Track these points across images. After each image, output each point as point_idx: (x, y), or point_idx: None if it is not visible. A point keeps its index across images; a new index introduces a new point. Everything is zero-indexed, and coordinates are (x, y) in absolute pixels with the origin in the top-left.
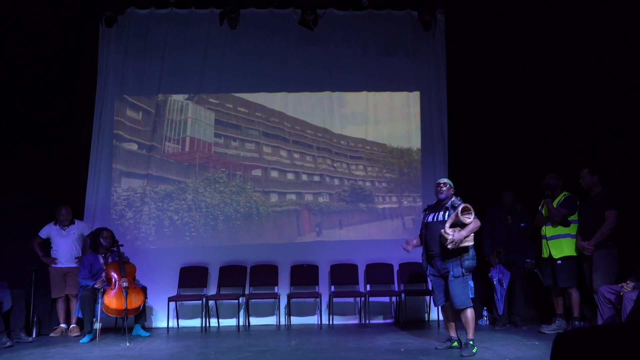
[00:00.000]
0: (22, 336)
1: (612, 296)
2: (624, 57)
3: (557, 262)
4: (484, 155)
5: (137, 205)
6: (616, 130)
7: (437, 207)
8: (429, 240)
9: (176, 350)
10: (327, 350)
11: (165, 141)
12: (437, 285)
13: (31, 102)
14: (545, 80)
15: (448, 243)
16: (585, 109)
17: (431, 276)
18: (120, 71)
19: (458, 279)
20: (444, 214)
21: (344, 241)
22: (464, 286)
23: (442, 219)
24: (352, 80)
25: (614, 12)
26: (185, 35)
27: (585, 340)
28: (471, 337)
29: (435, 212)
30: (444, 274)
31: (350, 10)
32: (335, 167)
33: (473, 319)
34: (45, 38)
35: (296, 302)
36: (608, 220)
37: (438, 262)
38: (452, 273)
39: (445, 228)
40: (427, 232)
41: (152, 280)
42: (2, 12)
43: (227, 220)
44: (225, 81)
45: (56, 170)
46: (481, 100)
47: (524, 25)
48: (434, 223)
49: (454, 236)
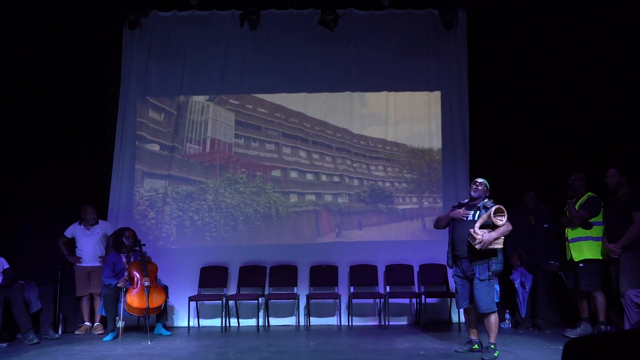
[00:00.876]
0: (50, 332)
1: (639, 300)
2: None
3: (579, 265)
4: (505, 155)
5: (159, 205)
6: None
7: (468, 206)
8: (456, 239)
9: (196, 349)
10: (346, 352)
11: (186, 142)
12: (462, 287)
13: (58, 104)
14: (569, 79)
15: (476, 243)
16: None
17: (456, 277)
18: (143, 73)
19: (484, 282)
20: (474, 213)
21: (363, 242)
22: (489, 290)
23: (471, 218)
24: (372, 80)
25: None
26: (207, 36)
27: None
28: (493, 341)
29: (466, 210)
30: (470, 276)
31: (370, 10)
32: (354, 167)
33: (497, 323)
34: (72, 42)
35: (315, 303)
36: (636, 222)
37: (465, 263)
38: (479, 276)
39: (475, 228)
40: (454, 231)
41: (173, 279)
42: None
43: (247, 220)
44: (246, 82)
45: (81, 171)
46: (503, 100)
47: (546, 24)
48: (463, 222)
49: (483, 237)
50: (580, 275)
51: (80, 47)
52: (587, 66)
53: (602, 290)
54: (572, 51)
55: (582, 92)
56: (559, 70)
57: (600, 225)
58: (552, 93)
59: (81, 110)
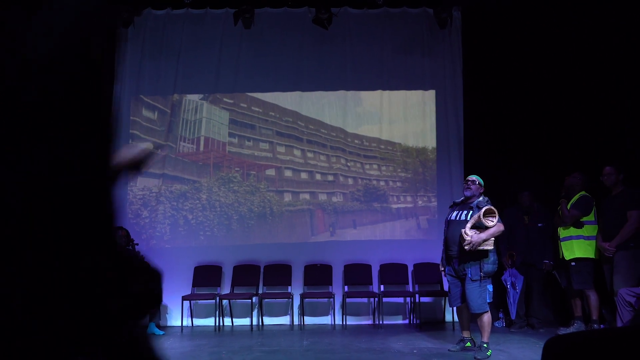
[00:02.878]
0: None
1: (632, 299)
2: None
3: (571, 264)
4: (500, 154)
5: (152, 204)
6: None
7: (462, 205)
8: (449, 239)
9: (188, 349)
10: (339, 351)
11: (180, 141)
12: (454, 287)
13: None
14: (565, 77)
15: (465, 244)
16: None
17: (449, 276)
18: (137, 71)
19: (475, 282)
20: (467, 213)
21: (357, 241)
22: (481, 290)
23: (464, 218)
24: (366, 78)
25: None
26: (201, 35)
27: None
28: (486, 340)
29: (459, 210)
30: (462, 275)
31: (365, 9)
32: (349, 166)
33: (489, 323)
34: None
35: (309, 302)
36: (630, 220)
37: (456, 263)
38: (470, 276)
39: (466, 229)
40: (448, 231)
41: (166, 279)
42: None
43: (241, 219)
44: (240, 81)
45: None
46: (498, 99)
47: (541, 23)
48: (456, 222)
49: (472, 238)
50: (572, 274)
51: None
52: (583, 65)
53: (594, 289)
54: (567, 50)
55: (578, 91)
56: (554, 68)
57: (591, 225)
58: (547, 92)
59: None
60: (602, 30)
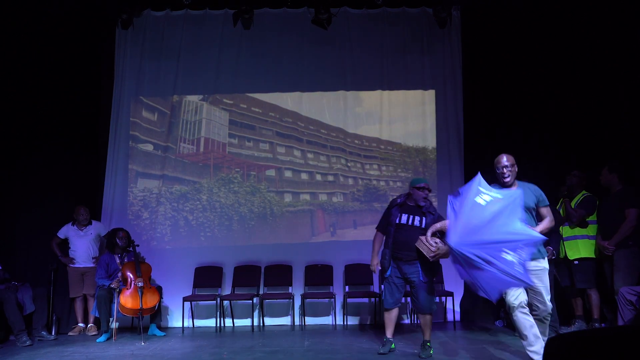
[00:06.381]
0: (44, 334)
1: (633, 297)
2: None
3: (574, 263)
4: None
5: (152, 205)
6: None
7: (409, 208)
8: (399, 244)
9: (189, 350)
10: (340, 351)
11: (180, 142)
12: (398, 288)
13: (51, 104)
14: (564, 77)
15: (432, 254)
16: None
17: (394, 278)
18: (136, 73)
19: (427, 284)
20: (420, 219)
21: (358, 241)
22: (431, 291)
23: (418, 224)
24: (366, 79)
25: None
26: (200, 36)
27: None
28: (428, 338)
29: (410, 214)
30: (409, 277)
31: (364, 9)
32: (349, 166)
33: (431, 321)
34: (65, 41)
35: (310, 303)
36: (629, 219)
37: (405, 266)
38: (422, 278)
39: (427, 237)
40: (397, 234)
41: (167, 280)
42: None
43: (242, 220)
44: (240, 81)
45: (75, 171)
46: (497, 99)
47: (541, 22)
48: (409, 227)
49: (440, 250)
50: (576, 273)
51: (74, 47)
52: (583, 64)
53: (596, 288)
54: (567, 49)
55: (578, 91)
56: (554, 68)
57: (595, 224)
58: (547, 91)
59: (75, 110)
60: (602, 29)
